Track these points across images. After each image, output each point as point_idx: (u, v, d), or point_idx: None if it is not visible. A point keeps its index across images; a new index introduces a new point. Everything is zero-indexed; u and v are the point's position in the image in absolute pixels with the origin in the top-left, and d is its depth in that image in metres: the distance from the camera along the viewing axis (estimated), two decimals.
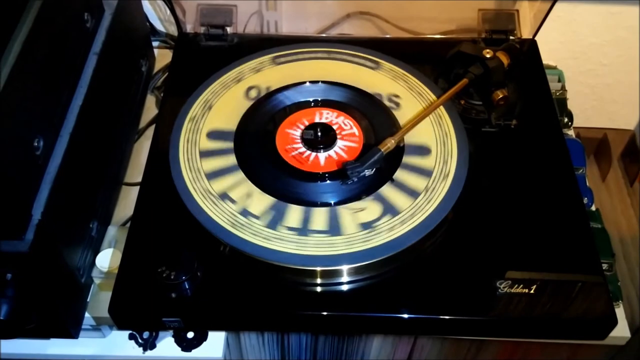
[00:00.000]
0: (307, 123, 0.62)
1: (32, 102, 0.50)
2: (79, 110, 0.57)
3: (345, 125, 0.62)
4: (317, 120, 0.63)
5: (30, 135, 0.50)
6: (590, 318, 0.52)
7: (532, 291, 0.53)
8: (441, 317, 0.52)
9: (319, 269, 0.53)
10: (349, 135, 0.62)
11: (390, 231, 0.54)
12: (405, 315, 0.52)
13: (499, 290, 0.52)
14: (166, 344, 0.64)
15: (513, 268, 0.54)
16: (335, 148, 0.61)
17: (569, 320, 0.52)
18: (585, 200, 0.67)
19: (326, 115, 0.63)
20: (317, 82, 0.66)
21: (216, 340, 0.65)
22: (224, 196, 0.56)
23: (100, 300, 0.61)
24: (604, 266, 0.60)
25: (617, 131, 0.93)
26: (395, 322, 0.53)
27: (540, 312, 0.52)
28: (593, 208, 0.69)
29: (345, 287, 0.53)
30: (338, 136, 0.61)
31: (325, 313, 0.52)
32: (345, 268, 0.53)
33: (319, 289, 0.54)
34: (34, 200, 0.50)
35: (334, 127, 0.62)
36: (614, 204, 0.85)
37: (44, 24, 0.52)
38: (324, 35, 0.78)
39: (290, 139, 0.61)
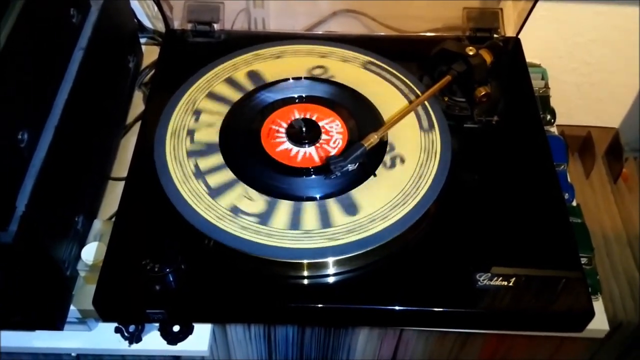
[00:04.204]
0: (292, 118, 0.63)
1: (16, 96, 0.51)
2: (65, 105, 0.57)
3: (331, 121, 0.63)
4: (302, 115, 0.64)
5: (14, 128, 0.50)
6: (568, 311, 0.53)
7: (511, 284, 0.53)
8: (421, 309, 0.53)
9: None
10: (333, 131, 0.62)
11: (369, 229, 0.54)
12: (387, 307, 0.52)
13: (479, 283, 0.53)
14: (152, 337, 0.65)
15: (494, 262, 0.55)
16: (319, 144, 0.61)
17: (548, 312, 0.53)
18: (567, 195, 0.68)
19: (312, 111, 0.64)
20: (299, 78, 0.67)
21: (202, 334, 0.65)
22: (198, 174, 0.57)
23: (85, 293, 0.62)
24: (583, 260, 0.61)
25: (601, 129, 0.94)
26: (377, 314, 0.53)
27: (519, 305, 0.53)
28: (574, 203, 0.69)
29: (330, 280, 0.54)
30: (322, 133, 0.62)
31: (309, 305, 0.53)
32: (325, 260, 0.54)
33: (303, 281, 0.54)
34: (18, 192, 0.50)
35: (320, 123, 0.63)
36: (597, 201, 0.86)
37: (29, 19, 0.52)
38: (311, 32, 0.78)
39: (274, 134, 0.62)
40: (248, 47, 0.70)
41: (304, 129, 0.62)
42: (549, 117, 0.76)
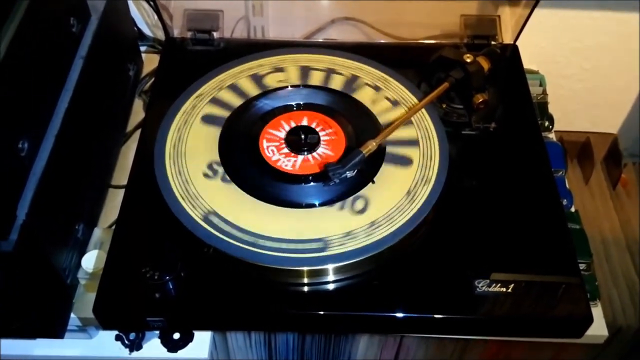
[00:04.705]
0: (291, 126, 0.64)
1: (17, 104, 0.51)
2: (65, 113, 0.57)
3: (329, 128, 0.64)
4: (301, 123, 0.64)
5: (14, 137, 0.50)
6: (566, 317, 0.53)
7: (509, 290, 0.54)
8: (420, 315, 0.53)
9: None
10: (332, 138, 0.63)
11: (368, 235, 0.55)
12: (387, 314, 0.53)
13: (477, 289, 0.53)
14: (153, 345, 0.65)
15: (492, 268, 0.55)
16: (318, 151, 0.61)
17: (546, 319, 0.54)
18: (565, 201, 0.68)
19: (311, 119, 0.64)
20: (298, 86, 0.67)
21: (202, 341, 0.65)
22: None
23: (86, 301, 0.62)
24: (582, 266, 0.61)
25: (600, 135, 0.94)
26: (377, 320, 0.54)
27: (517, 311, 0.53)
28: (573, 209, 0.70)
29: (330, 287, 0.54)
30: (321, 140, 0.62)
31: (309, 312, 0.53)
32: (326, 267, 0.54)
33: (302, 288, 0.55)
34: (19, 200, 0.50)
35: (319, 130, 0.63)
36: (596, 207, 0.86)
37: (29, 29, 0.52)
38: (310, 40, 0.79)
39: (273, 141, 0.62)
40: (248, 55, 0.71)
41: (302, 136, 0.62)
42: (547, 123, 0.77)
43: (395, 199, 0.57)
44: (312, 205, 0.57)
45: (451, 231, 0.58)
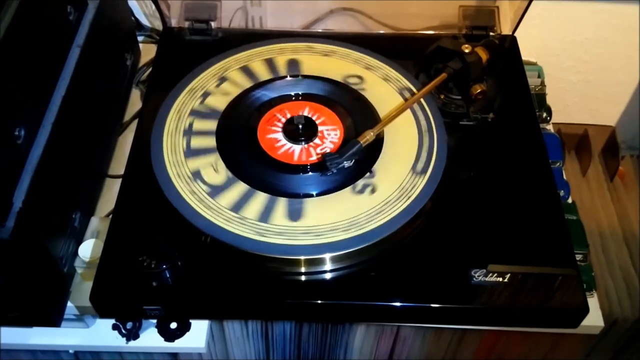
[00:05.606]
0: (289, 116, 0.63)
1: (13, 92, 0.51)
2: (62, 101, 0.57)
3: (327, 119, 0.64)
4: (299, 113, 0.64)
5: (11, 124, 0.50)
6: (562, 307, 0.54)
7: (506, 280, 0.54)
8: (417, 304, 0.53)
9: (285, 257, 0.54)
10: (330, 129, 0.63)
11: (366, 223, 0.55)
12: (383, 303, 0.53)
13: (474, 279, 0.54)
14: (150, 334, 0.65)
15: (489, 258, 0.55)
16: (316, 141, 0.61)
17: (542, 308, 0.54)
18: (562, 193, 0.68)
19: (309, 109, 0.64)
20: (297, 75, 0.67)
21: (199, 331, 0.66)
22: (196, 175, 0.58)
23: (83, 290, 0.62)
24: (578, 257, 0.61)
25: (598, 127, 0.94)
26: (373, 310, 0.54)
27: (514, 301, 0.53)
28: (570, 201, 0.70)
29: (327, 276, 0.54)
30: (319, 130, 0.62)
31: (306, 301, 0.53)
32: (323, 257, 0.54)
33: (300, 277, 0.55)
34: (15, 188, 0.50)
35: (317, 121, 0.63)
36: (594, 199, 0.86)
37: (26, 16, 0.52)
38: (308, 31, 0.79)
39: (271, 131, 0.62)
40: (245, 45, 0.71)
41: (300, 126, 0.62)
42: (545, 114, 0.77)
43: (392, 189, 0.57)
44: (310, 195, 0.57)
45: (448, 221, 0.58)
